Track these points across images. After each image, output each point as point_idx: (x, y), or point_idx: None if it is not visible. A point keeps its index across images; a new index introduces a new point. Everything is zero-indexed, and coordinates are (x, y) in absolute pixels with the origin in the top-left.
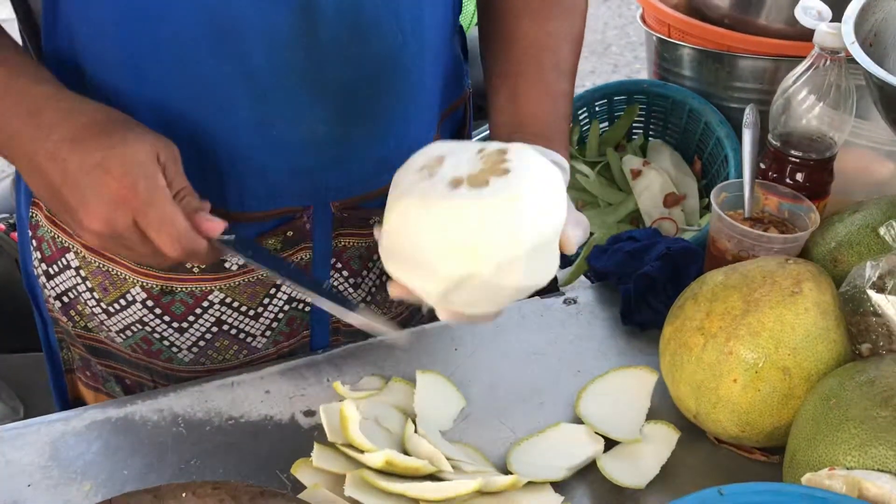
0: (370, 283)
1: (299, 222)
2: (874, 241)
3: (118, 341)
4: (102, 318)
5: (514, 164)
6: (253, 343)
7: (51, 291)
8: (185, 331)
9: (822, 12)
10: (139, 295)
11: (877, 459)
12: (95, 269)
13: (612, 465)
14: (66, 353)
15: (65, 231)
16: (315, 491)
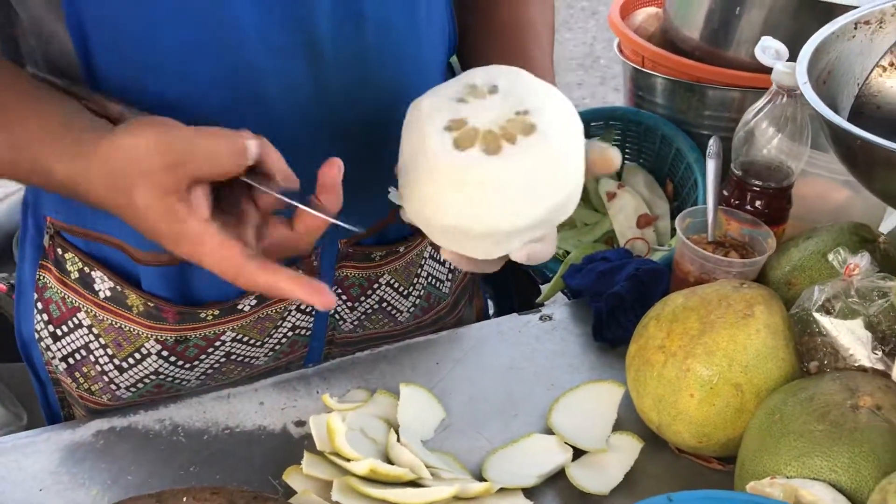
0: (366, 307)
1: (308, 261)
2: (824, 266)
3: (125, 397)
4: (113, 375)
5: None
6: (255, 363)
7: (56, 353)
8: (196, 367)
9: (780, 51)
10: (154, 347)
11: (813, 469)
12: (108, 325)
13: (579, 472)
14: (66, 411)
15: (76, 292)
16: (305, 496)
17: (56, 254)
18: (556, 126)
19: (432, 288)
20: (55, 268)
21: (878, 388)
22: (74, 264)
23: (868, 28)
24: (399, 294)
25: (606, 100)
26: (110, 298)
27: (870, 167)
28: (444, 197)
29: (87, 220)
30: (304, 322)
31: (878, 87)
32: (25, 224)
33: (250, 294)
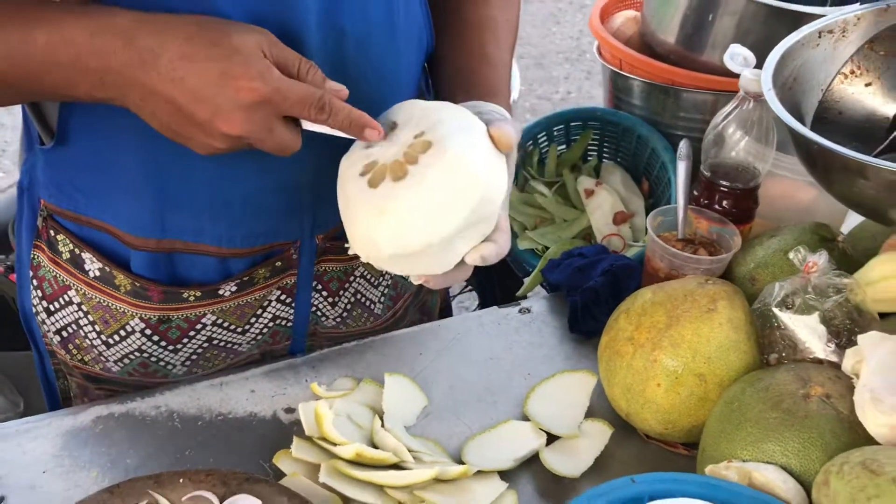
0: (346, 301)
1: (287, 254)
2: (786, 264)
3: (115, 370)
4: (101, 349)
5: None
6: (239, 349)
7: (50, 327)
8: (179, 351)
9: (748, 58)
10: (138, 325)
11: (766, 453)
12: (96, 303)
13: (552, 457)
14: (62, 382)
15: (67, 271)
16: (294, 478)
17: (49, 235)
18: (450, 135)
19: (399, 277)
20: (48, 248)
21: (828, 378)
22: (66, 245)
23: (832, 37)
24: (371, 285)
25: (592, 94)
26: (99, 278)
27: (828, 171)
28: (373, 232)
29: (78, 205)
30: (285, 313)
31: (839, 93)
32: (21, 206)
33: (231, 280)
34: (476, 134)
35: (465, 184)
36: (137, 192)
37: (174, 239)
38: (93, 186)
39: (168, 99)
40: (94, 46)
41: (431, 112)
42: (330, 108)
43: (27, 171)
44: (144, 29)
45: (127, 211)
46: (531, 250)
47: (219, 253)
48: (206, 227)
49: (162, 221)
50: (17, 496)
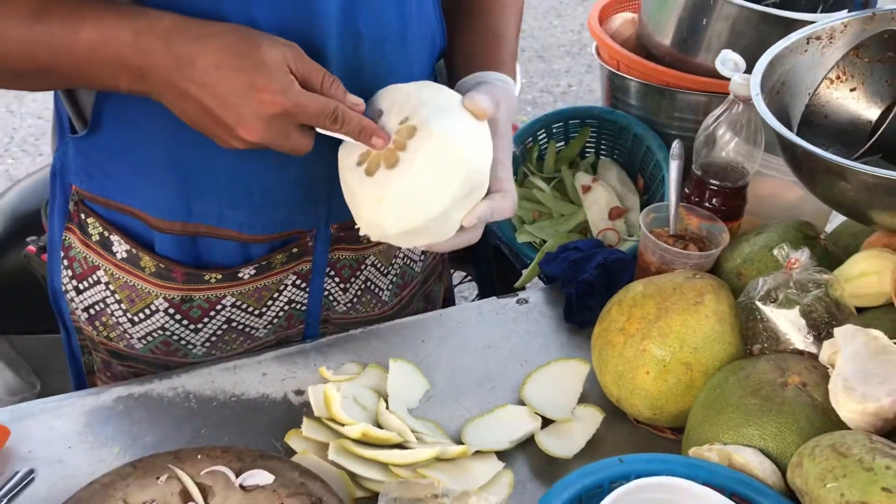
0: (357, 288)
1: (303, 241)
2: (770, 260)
3: (138, 346)
4: (126, 326)
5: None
6: (256, 334)
7: (79, 304)
8: (200, 330)
9: (738, 63)
10: (161, 304)
11: (746, 437)
12: (123, 283)
13: (546, 439)
14: (87, 357)
15: (96, 252)
16: (304, 456)
17: (80, 218)
18: (432, 116)
19: (407, 267)
20: (78, 230)
21: (805, 368)
22: (95, 228)
23: (819, 43)
24: (380, 273)
25: (593, 87)
26: (126, 259)
27: (811, 173)
28: (376, 216)
29: (108, 191)
30: (300, 297)
31: (826, 97)
32: (54, 190)
33: (250, 264)
34: (455, 110)
35: (451, 161)
36: (164, 178)
37: (198, 223)
38: (122, 173)
39: (198, 101)
40: (138, 45)
41: (412, 95)
42: (343, 118)
43: (59, 157)
44: (184, 34)
45: (154, 196)
46: (529, 243)
47: (239, 238)
48: (228, 213)
49: (188, 206)
50: (46, 469)
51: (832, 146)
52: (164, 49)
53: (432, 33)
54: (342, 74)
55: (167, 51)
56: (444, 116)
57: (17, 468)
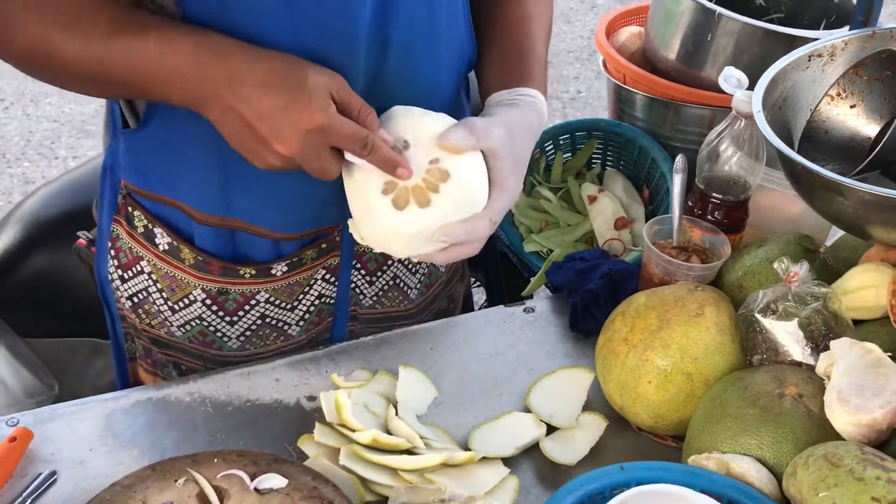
0: (383, 282)
1: (332, 237)
2: (770, 273)
3: (178, 334)
4: (167, 314)
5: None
6: (289, 331)
7: (123, 293)
8: (235, 323)
9: (741, 80)
10: (199, 295)
11: (744, 446)
12: (164, 273)
13: (551, 445)
14: (130, 344)
15: (140, 244)
16: (316, 460)
17: (127, 211)
18: (462, 165)
19: (433, 267)
20: (125, 222)
21: (802, 379)
22: (140, 221)
23: (820, 60)
24: (409, 272)
25: (601, 94)
26: (168, 251)
27: (810, 189)
28: (393, 241)
29: (153, 185)
30: (329, 291)
31: (826, 113)
32: (104, 185)
33: (282, 260)
34: (476, 155)
35: (470, 207)
36: (208, 173)
37: (236, 218)
38: (168, 167)
39: (241, 116)
40: (198, 57)
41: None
42: (372, 146)
43: (110, 154)
44: (239, 54)
45: (197, 189)
46: (536, 252)
47: (272, 235)
48: (262, 211)
49: (228, 200)
50: (67, 471)
51: (833, 161)
52: (218, 64)
53: (461, 43)
54: (369, 76)
55: (221, 66)
56: (472, 166)
57: (40, 470)
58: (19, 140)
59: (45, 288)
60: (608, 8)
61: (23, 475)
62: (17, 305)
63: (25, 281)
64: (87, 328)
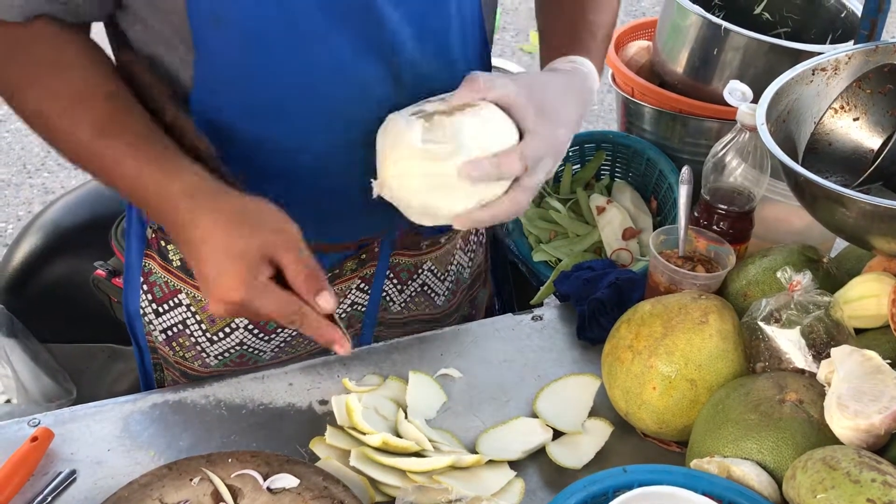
0: (412, 290)
1: (372, 247)
2: (774, 282)
3: (213, 364)
4: (205, 345)
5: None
6: None
7: (157, 326)
8: (272, 340)
9: (746, 93)
10: (242, 322)
11: (745, 450)
12: (205, 305)
13: (557, 450)
14: (159, 374)
15: (178, 277)
16: (327, 462)
17: (159, 245)
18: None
19: (458, 274)
20: (158, 256)
21: (802, 385)
22: (176, 254)
23: (824, 74)
24: (437, 279)
25: (613, 106)
26: None
27: (814, 200)
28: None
29: None
30: (361, 299)
31: (830, 126)
32: (130, 219)
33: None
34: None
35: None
36: None
37: None
38: None
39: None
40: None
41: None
42: (302, 322)
43: None
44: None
45: None
46: (545, 262)
47: (317, 248)
48: (305, 224)
49: None
50: (87, 470)
51: (836, 173)
52: (171, 209)
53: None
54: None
55: (173, 211)
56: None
57: (61, 469)
58: (39, 151)
59: (65, 295)
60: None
61: (44, 473)
62: (38, 312)
63: (45, 288)
64: (104, 334)
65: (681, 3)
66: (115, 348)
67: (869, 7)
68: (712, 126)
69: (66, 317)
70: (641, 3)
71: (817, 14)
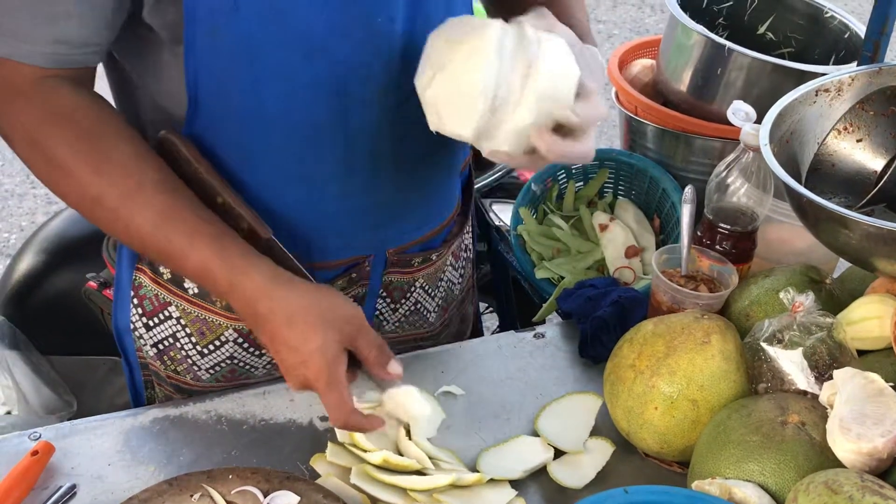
0: (406, 309)
1: (362, 266)
2: (777, 303)
3: (205, 378)
4: (195, 359)
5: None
6: None
7: (147, 340)
8: (264, 355)
9: (749, 113)
10: (231, 335)
11: (747, 472)
12: (195, 317)
13: (558, 469)
14: (149, 392)
15: (168, 290)
16: (328, 479)
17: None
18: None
19: (449, 290)
20: (149, 269)
21: (804, 407)
22: (167, 267)
23: (828, 95)
24: (429, 296)
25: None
26: (198, 294)
27: (817, 221)
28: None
29: None
30: None
31: (833, 147)
32: None
33: None
34: None
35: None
36: None
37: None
38: None
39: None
40: (231, 293)
41: None
42: (348, 426)
43: None
44: (263, 299)
45: None
46: (548, 279)
47: (308, 266)
48: (295, 244)
49: None
50: (87, 485)
51: (839, 194)
52: (244, 307)
53: None
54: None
55: (247, 307)
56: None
57: (61, 483)
58: None
59: (67, 307)
60: (624, 39)
61: (44, 487)
62: (40, 324)
63: (48, 299)
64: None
65: (684, 22)
66: (116, 361)
67: (872, 29)
68: (715, 145)
69: (67, 329)
70: (645, 21)
71: (821, 34)
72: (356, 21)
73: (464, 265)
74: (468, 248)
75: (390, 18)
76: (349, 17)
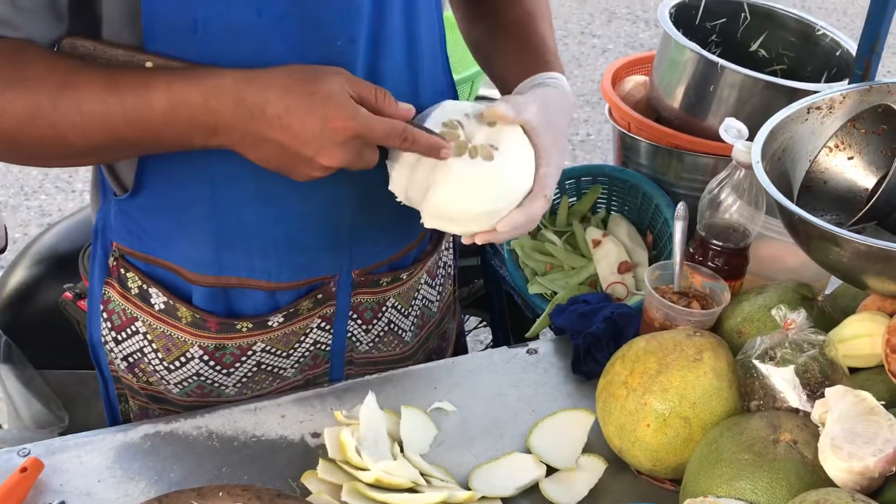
0: (379, 329)
1: (327, 287)
2: (769, 319)
3: (175, 392)
4: (163, 374)
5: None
6: (284, 374)
7: (118, 354)
8: (232, 374)
9: (741, 131)
10: (196, 352)
11: (739, 491)
12: (160, 333)
13: (550, 486)
14: (124, 405)
15: (135, 304)
16: (319, 496)
17: (119, 273)
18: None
19: (425, 308)
20: (118, 284)
21: (796, 425)
22: (134, 282)
23: (819, 113)
24: (402, 315)
25: (610, 138)
26: (164, 311)
27: (808, 238)
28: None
29: (147, 247)
30: (324, 338)
31: (825, 164)
32: (95, 247)
33: (279, 312)
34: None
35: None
36: (198, 234)
37: (230, 276)
38: (160, 230)
39: (277, 143)
40: (209, 106)
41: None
42: (413, 138)
43: (101, 217)
44: (249, 88)
45: (189, 251)
46: (541, 294)
47: (268, 287)
48: (256, 263)
49: (219, 259)
50: (76, 501)
51: (831, 212)
52: (233, 105)
53: (443, 92)
54: None
55: (237, 106)
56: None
57: (50, 500)
58: (37, 174)
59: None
60: (618, 53)
61: None
62: (33, 336)
63: (41, 312)
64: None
65: (677, 39)
66: None
67: (863, 47)
68: (708, 162)
69: (60, 342)
70: (640, 36)
71: (813, 52)
72: (315, 44)
73: (441, 283)
74: (447, 265)
75: (351, 40)
76: (308, 40)
